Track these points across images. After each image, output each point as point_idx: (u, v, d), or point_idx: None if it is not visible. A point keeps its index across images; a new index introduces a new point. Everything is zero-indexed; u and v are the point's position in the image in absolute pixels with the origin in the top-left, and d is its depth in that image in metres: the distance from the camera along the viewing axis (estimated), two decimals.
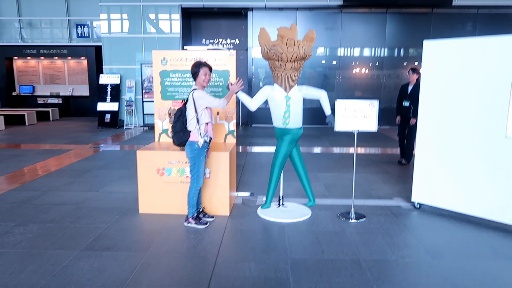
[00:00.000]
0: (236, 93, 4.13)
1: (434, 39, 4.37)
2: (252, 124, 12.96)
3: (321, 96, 4.35)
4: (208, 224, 4.07)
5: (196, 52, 4.87)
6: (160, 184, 4.39)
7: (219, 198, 4.39)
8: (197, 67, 3.83)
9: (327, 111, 4.40)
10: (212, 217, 4.27)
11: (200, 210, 4.26)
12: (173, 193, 4.37)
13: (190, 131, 3.83)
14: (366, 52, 12.74)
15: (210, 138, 3.92)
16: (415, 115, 6.45)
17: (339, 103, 4.23)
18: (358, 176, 5.99)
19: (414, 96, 6.49)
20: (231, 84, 4.06)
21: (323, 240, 3.74)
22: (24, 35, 14.75)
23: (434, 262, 3.31)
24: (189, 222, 4.03)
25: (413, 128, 6.58)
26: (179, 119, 3.80)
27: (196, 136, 3.82)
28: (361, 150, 8.43)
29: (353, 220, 4.24)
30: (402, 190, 5.41)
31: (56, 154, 7.83)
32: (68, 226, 4.01)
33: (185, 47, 11.18)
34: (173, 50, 4.97)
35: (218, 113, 4.90)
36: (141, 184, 4.42)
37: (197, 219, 4.07)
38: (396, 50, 12.62)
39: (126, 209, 4.55)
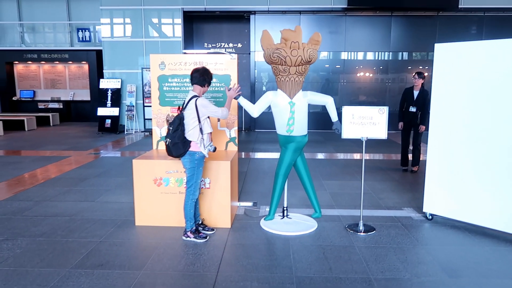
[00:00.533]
0: (236, 99, 3.93)
1: (446, 42, 4.14)
2: (254, 129, 12.74)
3: (327, 102, 4.13)
4: (207, 238, 3.83)
5: (195, 56, 4.65)
6: (158, 194, 4.17)
7: (220, 210, 4.16)
8: (208, 75, 3.65)
9: (334, 117, 4.17)
10: (212, 229, 4.03)
11: (199, 222, 4.02)
12: (171, 204, 4.14)
13: (190, 141, 3.60)
14: (371, 56, 12.52)
15: (215, 148, 3.70)
16: (424, 122, 6.20)
17: (346, 109, 4.00)
18: (365, 184, 5.75)
19: (421, 102, 6.24)
20: (228, 90, 3.86)
21: (330, 255, 3.50)
22: (25, 40, 14.63)
23: (452, 281, 3.06)
24: (187, 236, 3.79)
25: (420, 134, 6.33)
26: (178, 128, 3.57)
27: (198, 146, 3.60)
28: (366, 156, 8.18)
29: (362, 233, 3.99)
30: (412, 199, 5.16)
31: (53, 161, 7.63)
32: (59, 241, 3.78)
33: (183, 51, 10.95)
34: (172, 54, 4.77)
35: (218, 120, 4.68)
36: (138, 195, 4.19)
37: (196, 232, 3.83)
38: (401, 54, 12.38)
39: (122, 221, 4.32)
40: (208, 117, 3.66)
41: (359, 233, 3.99)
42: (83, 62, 14.96)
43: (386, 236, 3.93)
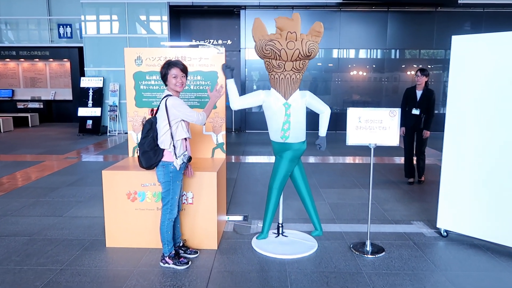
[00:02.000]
0: (227, 78, 3.39)
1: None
2: (245, 129, 12.16)
3: (324, 112, 3.53)
4: (189, 263, 3.24)
5: (176, 50, 4.06)
6: (132, 211, 3.57)
7: (205, 229, 3.57)
8: (165, 68, 3.05)
9: (323, 131, 3.58)
10: (195, 252, 3.45)
11: (181, 244, 3.44)
12: (147, 222, 3.55)
13: (163, 150, 3.01)
14: (366, 53, 12.01)
15: (189, 157, 3.11)
16: (428, 126, 5.50)
17: (352, 112, 3.44)
18: (367, 193, 5.20)
19: (425, 103, 5.48)
20: (209, 91, 3.28)
21: (335, 286, 2.94)
22: (2, 36, 13.83)
23: None
24: (165, 262, 3.20)
25: (425, 141, 5.62)
26: (149, 133, 2.99)
27: (171, 156, 3.01)
28: (362, 160, 7.66)
29: (370, 255, 3.44)
30: (421, 211, 4.64)
31: (24, 166, 6.96)
32: (11, 269, 3.16)
33: (162, 43, 10.14)
34: (149, 48, 4.17)
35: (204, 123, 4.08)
36: (108, 212, 3.58)
37: (176, 257, 3.24)
38: (398, 51, 11.89)
39: (91, 242, 3.71)
40: (183, 120, 3.06)
41: (366, 255, 3.44)
42: (65, 59, 14.20)
43: (398, 259, 3.39)
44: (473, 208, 3.61)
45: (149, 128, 3.01)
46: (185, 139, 3.09)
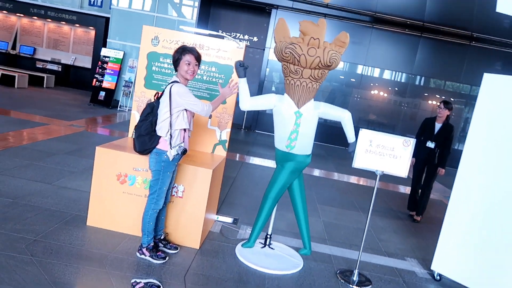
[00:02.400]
0: (240, 77, 3.18)
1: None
2: (255, 129, 12.00)
3: (344, 117, 3.34)
4: (167, 259, 3.10)
5: (195, 37, 3.91)
6: (119, 194, 3.43)
7: (190, 226, 3.42)
8: (180, 53, 2.90)
9: (351, 137, 3.40)
10: (176, 248, 3.30)
11: (162, 237, 3.29)
12: (133, 207, 3.41)
13: (159, 137, 2.87)
14: (391, 75, 11.75)
15: (185, 150, 2.95)
16: (443, 163, 5.17)
17: (363, 133, 3.25)
18: (365, 217, 5.01)
19: (442, 138, 5.15)
20: (221, 86, 3.11)
21: None
22: None
23: None
24: (142, 253, 3.06)
25: (434, 176, 5.31)
26: (148, 117, 2.85)
27: (167, 145, 2.86)
28: (367, 182, 7.44)
29: (355, 286, 3.25)
30: (417, 248, 4.43)
31: (27, 126, 6.89)
32: None
33: (181, 27, 9.81)
34: (169, 30, 4.02)
35: (210, 116, 3.94)
36: (95, 189, 3.45)
37: (154, 249, 3.10)
38: (423, 78, 11.61)
39: (73, 216, 3.59)
40: (186, 110, 2.91)
41: (351, 285, 3.26)
42: (91, 27, 14.20)
43: None
44: (474, 256, 3.40)
45: (149, 112, 2.86)
46: (185, 130, 2.94)
